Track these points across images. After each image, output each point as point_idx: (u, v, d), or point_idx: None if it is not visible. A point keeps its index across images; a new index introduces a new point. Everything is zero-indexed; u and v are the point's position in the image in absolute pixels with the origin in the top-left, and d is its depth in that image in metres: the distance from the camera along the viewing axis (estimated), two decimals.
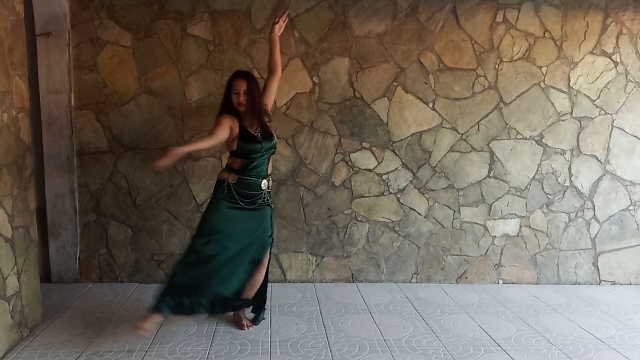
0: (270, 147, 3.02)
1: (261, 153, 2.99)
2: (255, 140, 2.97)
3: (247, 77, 2.98)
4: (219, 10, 3.76)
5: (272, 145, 3.04)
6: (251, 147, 2.97)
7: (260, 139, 2.98)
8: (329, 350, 2.88)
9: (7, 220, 2.77)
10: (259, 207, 3.04)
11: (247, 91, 2.94)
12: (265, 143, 2.99)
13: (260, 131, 3.00)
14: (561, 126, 4.03)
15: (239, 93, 2.95)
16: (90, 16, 3.72)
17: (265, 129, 3.02)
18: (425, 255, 4.09)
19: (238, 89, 2.95)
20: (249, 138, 2.97)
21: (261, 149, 2.98)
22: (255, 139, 2.98)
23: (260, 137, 2.99)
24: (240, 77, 2.98)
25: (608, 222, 4.14)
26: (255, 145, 2.97)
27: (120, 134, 3.83)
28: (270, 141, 3.02)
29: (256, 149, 2.97)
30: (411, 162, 3.99)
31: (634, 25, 3.96)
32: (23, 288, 2.95)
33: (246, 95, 2.94)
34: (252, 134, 2.98)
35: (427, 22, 3.86)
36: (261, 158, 3.00)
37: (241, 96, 2.94)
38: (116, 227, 3.91)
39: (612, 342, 3.08)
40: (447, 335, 3.11)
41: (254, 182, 2.99)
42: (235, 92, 2.96)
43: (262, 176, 3.02)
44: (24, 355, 2.75)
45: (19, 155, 2.91)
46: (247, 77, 2.98)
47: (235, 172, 3.00)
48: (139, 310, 3.40)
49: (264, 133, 3.01)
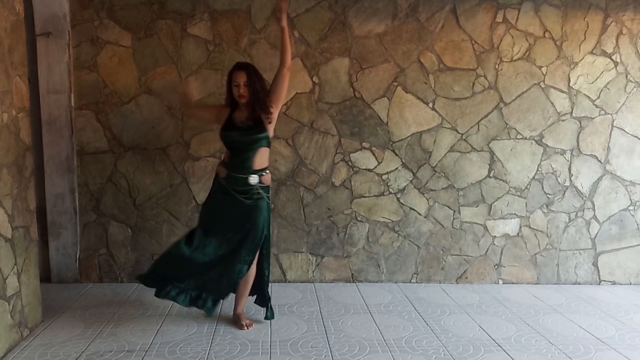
0: (249, 141, 2.94)
1: (238, 144, 2.96)
2: (232, 129, 2.97)
3: (246, 69, 2.97)
4: (219, 10, 3.76)
5: (255, 139, 2.95)
6: (226, 135, 3.00)
7: (239, 128, 2.95)
8: (329, 350, 2.88)
9: (7, 220, 2.77)
10: (251, 200, 2.99)
11: (247, 83, 2.93)
12: (244, 136, 2.93)
13: (247, 123, 2.96)
14: (561, 126, 4.03)
15: (239, 85, 2.94)
16: (90, 16, 3.72)
17: (257, 123, 2.95)
18: (425, 255, 4.09)
19: (238, 81, 2.94)
20: (228, 126, 3.00)
21: (235, 138, 2.95)
22: (232, 127, 2.98)
23: (244, 128, 2.95)
24: (240, 69, 2.97)
25: (608, 222, 4.14)
26: (230, 133, 2.97)
27: (120, 134, 3.83)
28: (251, 135, 2.94)
29: (230, 137, 2.97)
30: (411, 162, 3.99)
31: (634, 25, 3.96)
32: (23, 288, 2.95)
33: (247, 87, 2.93)
34: (233, 123, 2.99)
35: (427, 22, 3.86)
36: (242, 151, 2.97)
37: (241, 88, 2.93)
38: (116, 227, 3.91)
39: (612, 342, 3.08)
40: (447, 335, 3.11)
41: (240, 178, 2.98)
42: (235, 85, 2.96)
43: (249, 172, 2.97)
44: (24, 355, 2.75)
45: (19, 155, 2.91)
46: (247, 69, 2.97)
47: (225, 167, 3.04)
48: (139, 310, 3.40)
49: (251, 126, 2.95)
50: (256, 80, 2.95)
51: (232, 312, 3.26)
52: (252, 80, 2.93)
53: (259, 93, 2.94)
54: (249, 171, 2.98)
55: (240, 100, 2.96)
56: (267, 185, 3.06)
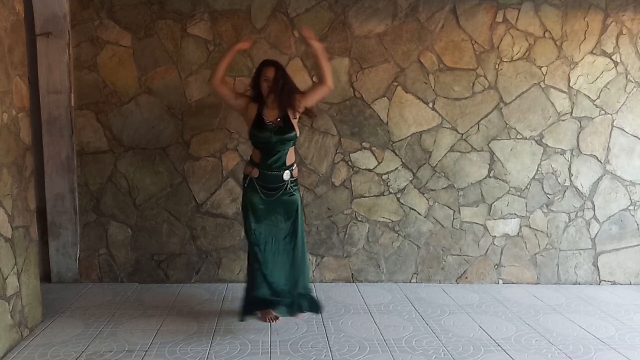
0: (283, 139, 3.02)
1: (272, 144, 3.01)
2: (266, 129, 3.01)
3: (275, 65, 3.06)
4: (219, 10, 3.76)
5: (286, 139, 3.03)
6: (260, 135, 3.02)
7: (272, 129, 3.01)
8: (329, 350, 2.88)
9: (7, 220, 2.77)
10: (284, 196, 3.08)
11: (275, 78, 3.00)
12: (277, 135, 3.00)
13: (278, 122, 3.02)
14: (561, 126, 4.03)
15: (269, 80, 3.00)
16: (90, 16, 3.72)
17: (286, 123, 3.03)
18: (425, 255, 4.09)
19: (268, 75, 3.01)
20: (260, 126, 3.03)
21: (270, 139, 3.00)
22: (266, 127, 3.02)
23: (275, 127, 3.01)
24: (270, 64, 3.06)
25: (608, 222, 4.14)
26: (264, 134, 3.01)
27: (120, 134, 3.83)
28: (284, 134, 3.01)
29: (264, 138, 3.01)
30: (411, 162, 3.99)
31: (634, 25, 3.96)
32: (23, 288, 2.95)
33: (275, 82, 3.00)
34: (265, 122, 3.02)
35: (427, 22, 3.86)
36: (276, 150, 3.03)
37: (270, 82, 2.99)
38: (116, 227, 3.91)
39: (612, 342, 3.08)
40: (447, 335, 3.11)
41: (274, 175, 3.06)
42: (265, 79, 3.02)
43: (282, 168, 3.06)
44: (24, 355, 2.75)
45: (19, 155, 2.91)
46: (276, 65, 3.06)
47: (257, 166, 3.08)
48: (139, 310, 3.40)
49: (281, 125, 3.02)
50: (281, 77, 3.02)
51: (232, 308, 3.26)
52: (279, 76, 3.01)
53: (286, 88, 3.02)
54: (282, 168, 3.06)
55: (270, 94, 3.01)
56: (296, 179, 3.17)
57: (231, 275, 4.00)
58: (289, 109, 3.04)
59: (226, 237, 3.96)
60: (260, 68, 3.08)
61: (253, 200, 3.10)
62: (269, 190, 3.07)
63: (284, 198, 3.09)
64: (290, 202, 3.12)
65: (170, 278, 3.97)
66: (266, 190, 3.07)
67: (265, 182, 3.07)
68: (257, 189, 3.07)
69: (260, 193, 3.07)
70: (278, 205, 3.10)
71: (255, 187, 3.08)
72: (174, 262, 3.96)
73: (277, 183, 3.07)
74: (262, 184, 3.07)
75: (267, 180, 3.07)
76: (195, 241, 3.96)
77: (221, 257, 3.98)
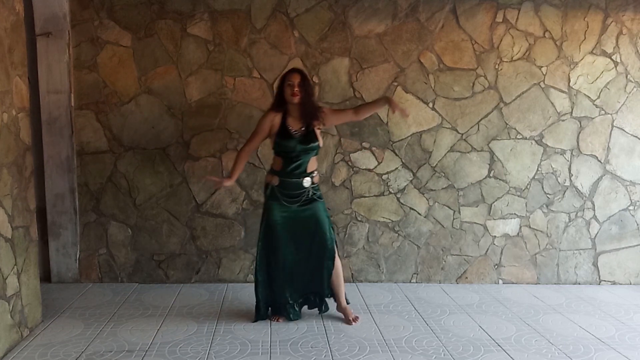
0: (307, 149, 3.07)
1: (296, 153, 3.05)
2: (291, 138, 3.06)
3: (301, 72, 3.11)
4: (219, 10, 3.76)
5: (310, 148, 3.08)
6: (285, 144, 3.06)
7: (297, 138, 3.05)
8: (329, 350, 2.88)
9: (7, 220, 2.77)
10: (306, 202, 3.12)
11: (300, 84, 3.03)
12: (302, 145, 3.05)
13: (302, 132, 3.07)
14: (561, 126, 4.03)
15: (293, 85, 3.04)
16: (90, 16, 3.72)
17: (310, 132, 3.08)
18: (425, 255, 4.09)
19: (292, 80, 3.05)
20: (286, 135, 3.07)
21: (295, 148, 3.04)
22: (291, 136, 3.06)
23: (300, 136, 3.06)
24: (295, 71, 3.12)
25: (608, 222, 4.14)
26: (290, 142, 3.05)
27: (120, 134, 3.83)
28: (308, 144, 3.06)
29: (290, 147, 3.05)
30: (411, 162, 3.99)
31: (634, 25, 3.96)
32: (23, 288, 2.95)
33: (300, 88, 3.03)
34: (290, 131, 3.07)
35: (427, 22, 3.86)
36: (299, 158, 3.07)
37: (295, 87, 3.03)
38: (116, 227, 3.91)
39: (612, 342, 3.08)
40: (447, 335, 3.11)
41: (295, 182, 3.09)
42: (289, 84, 3.05)
43: (302, 175, 3.09)
44: (24, 355, 2.75)
45: (19, 155, 2.91)
46: (302, 72, 3.11)
47: (277, 174, 3.11)
48: (139, 310, 3.40)
49: (305, 134, 3.07)
50: (308, 85, 3.09)
51: (233, 308, 3.26)
52: (305, 84, 3.07)
53: (310, 97, 3.08)
54: (303, 175, 3.10)
55: (293, 99, 3.04)
56: (317, 185, 3.21)
57: (231, 275, 4.00)
58: (313, 121, 3.09)
59: (226, 237, 3.96)
60: (285, 75, 3.13)
61: (274, 208, 3.13)
62: (290, 198, 3.10)
63: (305, 206, 3.12)
64: (313, 207, 3.14)
65: (170, 278, 3.97)
66: (287, 198, 3.11)
67: (286, 189, 3.10)
68: (279, 197, 3.11)
69: (282, 201, 3.11)
70: (300, 212, 3.13)
71: (277, 196, 3.12)
72: (174, 262, 3.96)
73: (298, 190, 3.10)
74: (283, 191, 3.11)
75: (288, 187, 3.10)
76: (195, 241, 3.96)
77: (221, 257, 3.98)
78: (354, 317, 3.26)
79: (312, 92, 3.13)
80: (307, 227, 3.15)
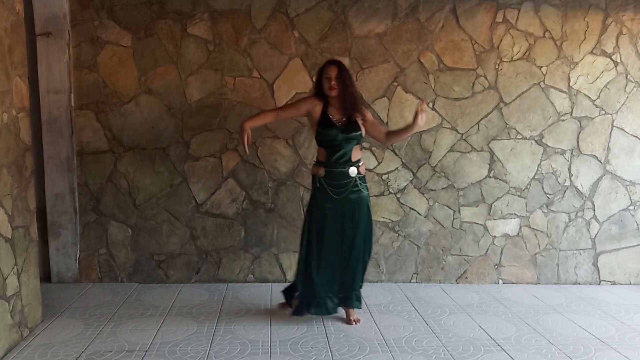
0: (350, 137, 3.08)
1: (338, 141, 3.06)
2: (333, 127, 3.06)
3: (338, 64, 3.11)
4: (219, 10, 3.76)
5: (353, 137, 3.09)
6: (326, 133, 3.07)
7: (338, 127, 3.06)
8: (329, 350, 2.88)
9: (7, 220, 2.77)
10: (352, 194, 3.12)
11: (338, 76, 3.04)
12: (343, 133, 3.06)
13: (344, 121, 3.08)
14: (561, 126, 4.03)
15: (330, 77, 3.05)
16: (90, 16, 3.72)
17: (352, 122, 3.08)
18: (425, 255, 4.09)
19: (330, 73, 3.06)
20: (327, 123, 3.08)
21: (337, 136, 3.05)
22: (333, 125, 3.07)
23: (341, 126, 3.06)
24: (332, 63, 3.12)
25: (608, 222, 4.14)
26: (331, 131, 3.06)
27: (120, 134, 3.83)
28: (350, 132, 3.07)
29: (331, 136, 3.06)
30: (411, 162, 3.99)
31: (634, 25, 3.96)
32: (23, 288, 2.95)
33: (338, 80, 3.04)
34: (331, 120, 3.08)
35: (427, 22, 3.86)
36: (342, 147, 3.07)
37: (332, 80, 3.04)
38: (116, 227, 3.91)
39: (612, 342, 3.08)
40: (447, 335, 3.11)
41: (340, 172, 3.10)
42: (326, 77, 3.07)
43: (348, 164, 3.10)
44: (24, 355, 2.75)
45: (19, 155, 2.91)
46: (339, 64, 3.11)
47: (322, 165, 3.13)
48: (139, 310, 3.40)
49: (347, 124, 3.08)
50: (346, 76, 3.08)
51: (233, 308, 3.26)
52: (343, 75, 3.06)
53: (349, 88, 3.07)
54: (348, 164, 3.11)
55: (331, 92, 3.06)
56: (363, 175, 3.21)
57: (231, 275, 4.00)
58: (354, 113, 3.09)
59: (226, 237, 3.96)
60: (322, 67, 3.14)
61: (321, 200, 3.15)
62: (337, 188, 3.11)
63: (351, 196, 3.12)
64: (358, 199, 3.15)
65: (170, 278, 3.97)
66: (334, 188, 3.11)
67: (332, 179, 3.11)
68: (326, 188, 3.12)
69: (329, 192, 3.12)
70: (346, 203, 3.13)
71: (324, 187, 3.13)
72: (174, 262, 3.96)
73: (344, 179, 3.10)
74: (329, 181, 3.12)
75: (334, 177, 3.11)
76: (195, 241, 3.96)
77: (221, 257, 3.98)
78: (356, 318, 3.26)
79: (350, 83, 3.11)
80: (351, 219, 3.15)
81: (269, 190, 3.94)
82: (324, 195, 3.13)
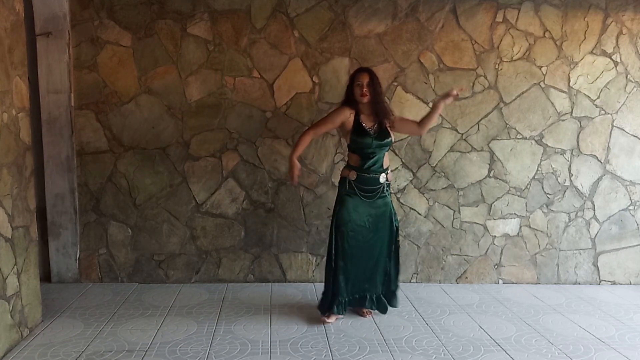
0: (383, 144, 3.15)
1: (372, 149, 3.13)
2: (367, 135, 3.13)
3: (369, 72, 3.18)
4: (219, 10, 3.76)
5: (385, 143, 3.17)
6: (361, 141, 3.14)
7: (372, 134, 3.13)
8: (329, 350, 2.88)
9: (7, 220, 2.77)
10: (380, 199, 3.22)
11: (369, 84, 3.10)
12: (377, 140, 3.13)
13: (375, 128, 3.15)
14: (561, 126, 4.03)
15: (361, 85, 3.11)
16: (90, 16, 3.72)
17: (383, 128, 3.16)
18: (425, 255, 4.09)
19: (361, 80, 3.12)
20: (361, 132, 3.14)
21: (371, 144, 3.12)
22: (367, 133, 3.13)
23: (374, 133, 3.13)
24: (363, 70, 3.19)
25: (608, 222, 4.14)
26: (366, 139, 3.13)
27: (120, 134, 3.83)
28: (383, 139, 3.15)
29: (366, 143, 3.13)
30: (411, 162, 3.99)
31: (634, 25, 3.96)
32: (23, 288, 2.95)
33: (369, 87, 3.10)
34: (364, 128, 3.14)
35: (427, 22, 3.86)
36: (375, 154, 3.14)
37: (364, 87, 3.10)
38: (116, 227, 3.91)
39: (612, 342, 3.08)
40: (447, 335, 3.11)
41: (372, 178, 3.18)
42: (358, 84, 3.13)
43: (379, 171, 3.17)
44: (24, 355, 2.75)
45: (19, 155, 2.91)
46: (370, 72, 3.18)
47: (355, 169, 3.18)
48: (139, 310, 3.40)
49: (379, 131, 3.15)
50: (377, 84, 3.15)
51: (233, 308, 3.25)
52: (374, 82, 3.13)
53: (380, 95, 3.15)
54: (379, 170, 3.19)
55: (362, 99, 3.12)
56: (390, 182, 3.30)
57: (231, 275, 4.00)
58: (384, 119, 3.16)
59: (226, 237, 3.96)
60: (354, 74, 3.20)
61: (349, 201, 3.20)
62: (366, 192, 3.19)
63: (379, 202, 3.22)
64: (385, 205, 3.24)
65: (170, 278, 3.98)
66: (364, 193, 3.19)
67: (363, 184, 3.18)
68: (355, 191, 3.19)
69: (358, 195, 3.18)
70: (373, 208, 3.22)
71: (354, 189, 3.19)
72: (174, 262, 3.96)
73: (375, 185, 3.19)
74: (359, 186, 3.18)
75: (365, 182, 3.18)
76: (195, 241, 3.96)
77: (221, 257, 3.98)
78: (367, 310, 3.37)
79: (381, 90, 3.19)
80: (377, 223, 3.23)
81: (269, 190, 3.94)
82: (352, 198, 3.20)
